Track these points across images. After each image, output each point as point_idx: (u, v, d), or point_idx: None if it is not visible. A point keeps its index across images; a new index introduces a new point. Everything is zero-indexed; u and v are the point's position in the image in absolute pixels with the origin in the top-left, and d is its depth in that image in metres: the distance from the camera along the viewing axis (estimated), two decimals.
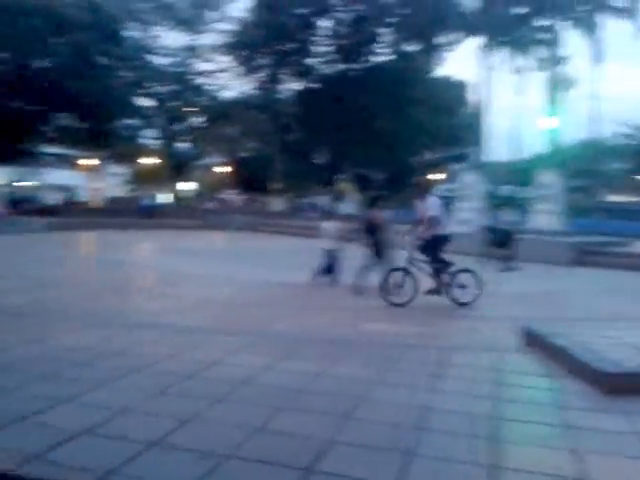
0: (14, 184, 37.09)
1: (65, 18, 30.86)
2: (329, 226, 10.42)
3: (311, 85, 40.42)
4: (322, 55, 39.79)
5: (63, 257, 14.27)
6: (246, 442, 2.79)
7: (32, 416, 2.99)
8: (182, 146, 45.20)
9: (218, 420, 3.08)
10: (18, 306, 6.59)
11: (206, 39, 41.54)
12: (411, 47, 38.55)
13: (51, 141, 36.61)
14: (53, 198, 39.25)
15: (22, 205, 31.09)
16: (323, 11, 37.14)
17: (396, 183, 41.10)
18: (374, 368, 4.35)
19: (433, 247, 7.85)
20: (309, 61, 39.90)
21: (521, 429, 3.27)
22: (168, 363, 4.20)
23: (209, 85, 43.91)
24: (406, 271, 7.73)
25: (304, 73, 40.06)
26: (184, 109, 42.35)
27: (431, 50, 38.15)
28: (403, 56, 38.00)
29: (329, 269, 9.98)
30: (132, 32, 39.14)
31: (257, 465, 2.57)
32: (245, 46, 37.97)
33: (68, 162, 47.41)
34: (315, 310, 7.23)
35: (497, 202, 20.90)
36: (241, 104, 41.86)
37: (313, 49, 39.44)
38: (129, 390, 3.53)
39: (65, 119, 35.37)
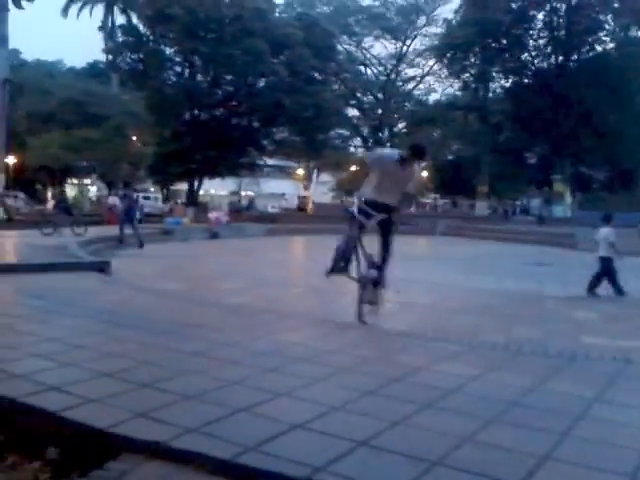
0: (237, 193, 41.28)
1: (283, 38, 33.50)
2: (604, 232, 9.57)
3: (523, 81, 38.37)
4: (536, 49, 37.55)
5: (279, 260, 15.46)
6: (456, 451, 2.74)
7: (253, 407, 3.23)
8: None
9: (426, 426, 3.06)
10: (243, 305, 7.28)
11: (413, 44, 41.93)
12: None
13: (270, 153, 39.95)
14: (271, 205, 42.85)
15: (244, 212, 34.33)
16: (538, 3, 34.94)
17: (622, 182, 37.05)
18: (592, 385, 3.97)
19: None
20: (522, 56, 37.94)
21: None
22: (375, 365, 4.29)
23: (415, 90, 44.22)
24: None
25: (516, 69, 38.18)
26: (389, 116, 43.19)
27: None
28: (630, 42, 34.13)
29: (600, 279, 9.36)
30: (343, 45, 41.08)
31: (467, 475, 2.50)
32: (453, 47, 37.40)
33: (283, 172, 51.37)
34: (530, 320, 6.85)
35: None
36: (447, 106, 41.38)
37: (526, 43, 37.39)
38: (341, 388, 3.67)
39: (282, 133, 38.42)
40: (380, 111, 43.24)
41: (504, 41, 37.06)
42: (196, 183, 37.16)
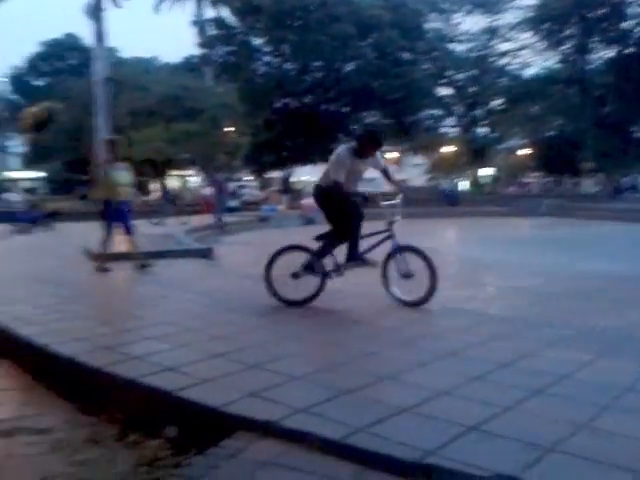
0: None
1: (370, 20, 33.15)
2: None
3: (626, 50, 35.79)
4: (638, 16, 34.91)
5: None
6: (570, 437, 2.64)
7: (359, 390, 3.28)
8: (481, 131, 44.58)
9: (537, 412, 2.97)
10: (336, 290, 7.32)
11: (506, 18, 40.12)
12: None
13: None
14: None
15: None
16: None
17: None
18: None
19: None
20: (624, 25, 35.39)
21: None
22: (480, 350, 4.19)
23: (510, 65, 42.35)
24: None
25: (617, 38, 35.67)
26: (484, 93, 41.67)
27: None
28: None
29: None
30: (432, 23, 40.00)
31: (584, 462, 2.42)
32: (549, 19, 35.49)
33: None
34: None
35: None
36: (545, 80, 39.36)
37: (629, 11, 34.84)
38: (445, 373, 3.64)
39: (372, 117, 38.09)
40: (474, 88, 41.71)
41: (602, 10, 34.75)
42: (289, 170, 37.79)
